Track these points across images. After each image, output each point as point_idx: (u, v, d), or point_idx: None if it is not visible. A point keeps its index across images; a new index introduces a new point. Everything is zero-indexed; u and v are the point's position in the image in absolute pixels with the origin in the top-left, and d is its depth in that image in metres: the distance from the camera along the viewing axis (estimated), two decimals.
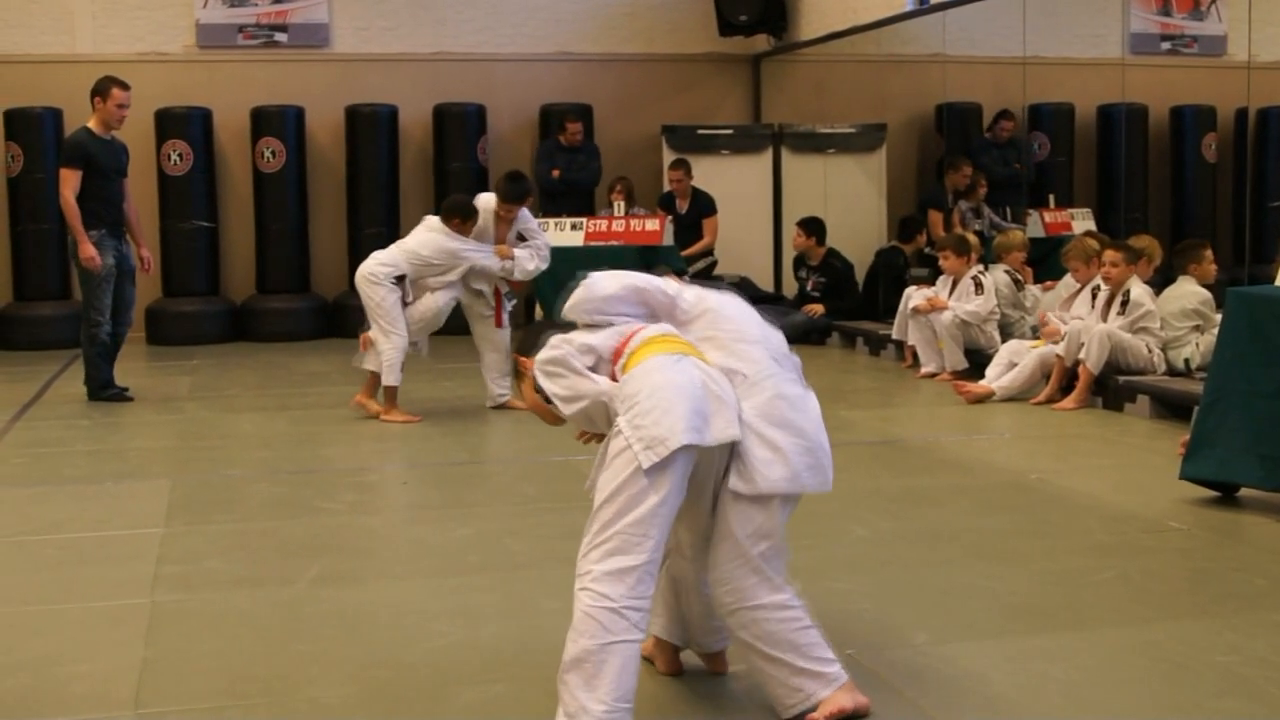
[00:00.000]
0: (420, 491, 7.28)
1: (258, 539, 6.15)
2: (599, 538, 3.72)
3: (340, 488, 7.30)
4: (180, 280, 13.92)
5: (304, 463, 7.98)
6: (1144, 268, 9.88)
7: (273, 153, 14.05)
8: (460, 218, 9.33)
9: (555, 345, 3.97)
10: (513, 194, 9.40)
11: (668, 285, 4.16)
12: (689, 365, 3.80)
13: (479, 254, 9.31)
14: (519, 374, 4.26)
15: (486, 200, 9.50)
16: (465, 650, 4.55)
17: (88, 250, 9.63)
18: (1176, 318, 9.45)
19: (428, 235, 9.29)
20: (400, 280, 9.15)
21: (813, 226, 13.41)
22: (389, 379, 9.09)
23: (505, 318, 9.57)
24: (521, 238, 9.54)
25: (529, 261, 9.47)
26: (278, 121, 14.14)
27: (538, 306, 14.03)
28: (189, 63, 14.29)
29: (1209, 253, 9.85)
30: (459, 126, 14.58)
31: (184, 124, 13.93)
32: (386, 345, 9.06)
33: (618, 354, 3.96)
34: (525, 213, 9.57)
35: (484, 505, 6.86)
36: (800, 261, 13.53)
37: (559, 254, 13.19)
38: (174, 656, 4.55)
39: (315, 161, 14.46)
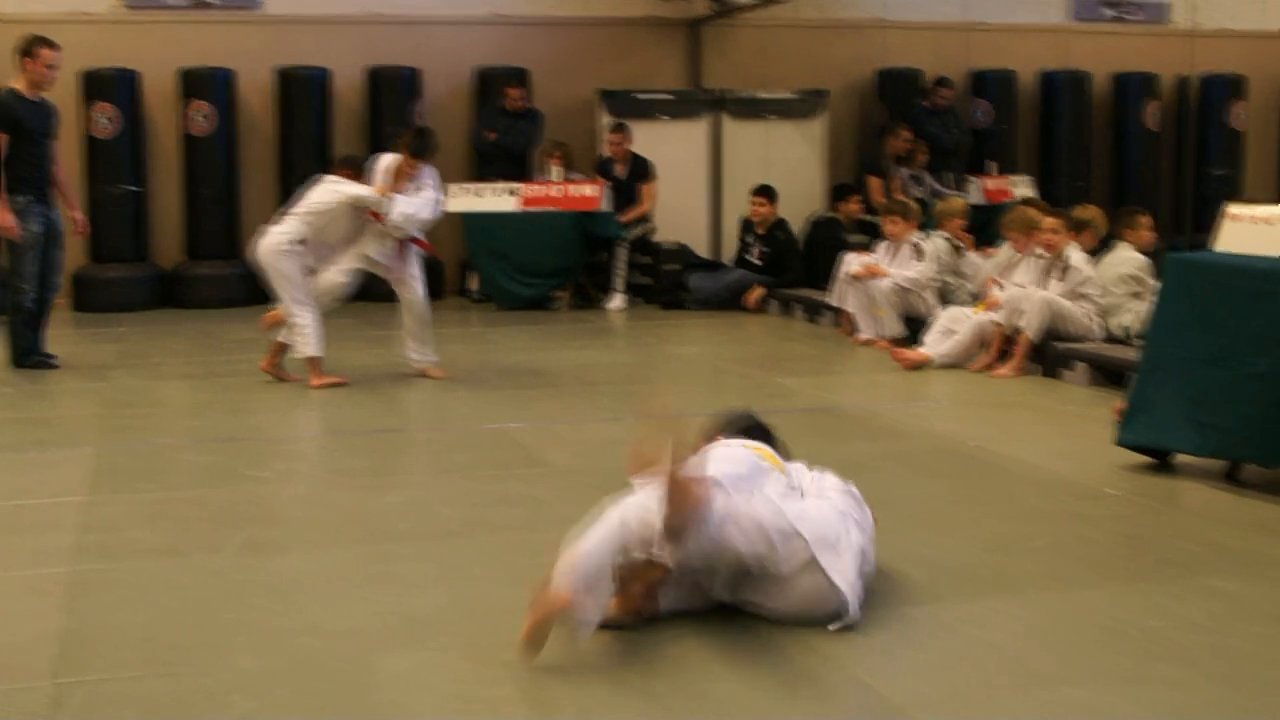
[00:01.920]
0: (350, 459, 7.18)
1: (184, 507, 6.04)
2: None
3: (269, 456, 7.20)
4: (108, 246, 13.67)
5: (232, 431, 7.86)
6: (1088, 238, 9.87)
7: (202, 115, 13.83)
8: (352, 171, 9.21)
9: None
10: (419, 149, 9.14)
11: None
12: None
13: (358, 187, 9.04)
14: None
15: (388, 159, 9.25)
16: (393, 618, 4.49)
17: (6, 219, 9.42)
18: (1115, 284, 9.45)
19: (316, 188, 9.16)
20: (303, 243, 8.96)
21: (772, 194, 13.32)
22: (311, 350, 8.94)
23: (415, 277, 9.36)
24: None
25: (407, 205, 9.05)
26: (207, 84, 13.90)
27: (473, 277, 13.94)
28: (116, 23, 14.02)
29: (1146, 219, 9.87)
30: (393, 90, 14.40)
31: (111, 86, 13.67)
32: (301, 317, 8.92)
33: None
34: (430, 170, 9.29)
35: (415, 473, 6.79)
36: (748, 226, 13.45)
37: (495, 220, 13.21)
38: (95, 626, 4.45)
39: (246, 125, 14.25)
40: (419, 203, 9.12)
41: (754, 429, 5.03)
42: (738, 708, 3.78)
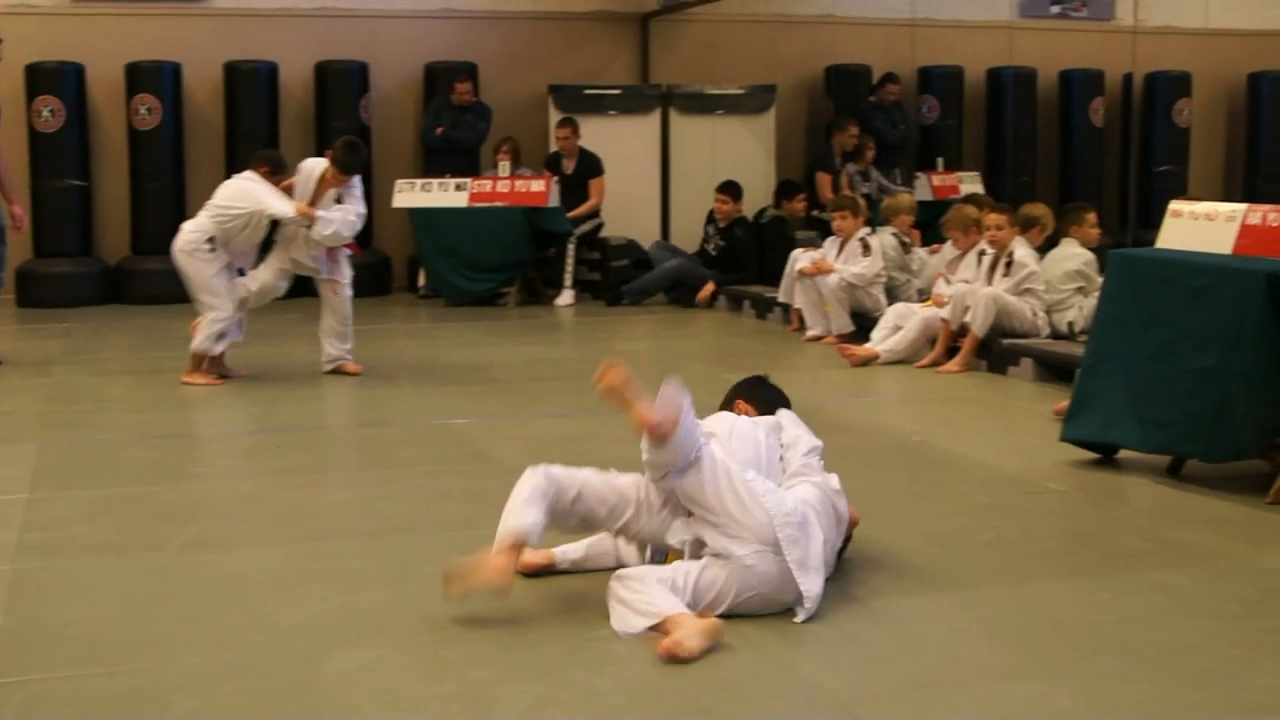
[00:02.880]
0: (295, 455, 7.14)
1: (127, 504, 5.99)
2: None
3: (213, 452, 7.16)
4: (52, 241, 13.57)
5: (176, 427, 7.82)
6: (1035, 235, 9.91)
7: (148, 109, 13.71)
8: (270, 168, 9.07)
9: None
10: (349, 165, 8.98)
11: None
12: None
13: (278, 201, 8.88)
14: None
15: (312, 164, 9.13)
16: (339, 615, 4.46)
17: None
18: (1061, 280, 9.50)
19: (230, 182, 9.07)
20: (213, 244, 8.87)
21: (736, 191, 13.32)
22: (201, 347, 8.87)
23: (344, 281, 9.25)
24: (339, 202, 9.09)
25: (328, 227, 8.89)
26: (154, 77, 13.79)
27: (421, 273, 13.90)
28: (62, 16, 13.90)
29: (1091, 215, 9.92)
30: (341, 84, 14.33)
31: (56, 79, 13.55)
32: (210, 316, 8.84)
33: None
34: (357, 181, 9.15)
35: (360, 469, 6.76)
36: (710, 218, 13.46)
37: (443, 215, 13.16)
38: (35, 624, 4.41)
39: (193, 119, 14.15)
40: (339, 220, 8.94)
41: (775, 399, 5.24)
42: (682, 704, 3.78)
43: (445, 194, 13.29)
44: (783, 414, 5.08)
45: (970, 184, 14.91)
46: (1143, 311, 6.36)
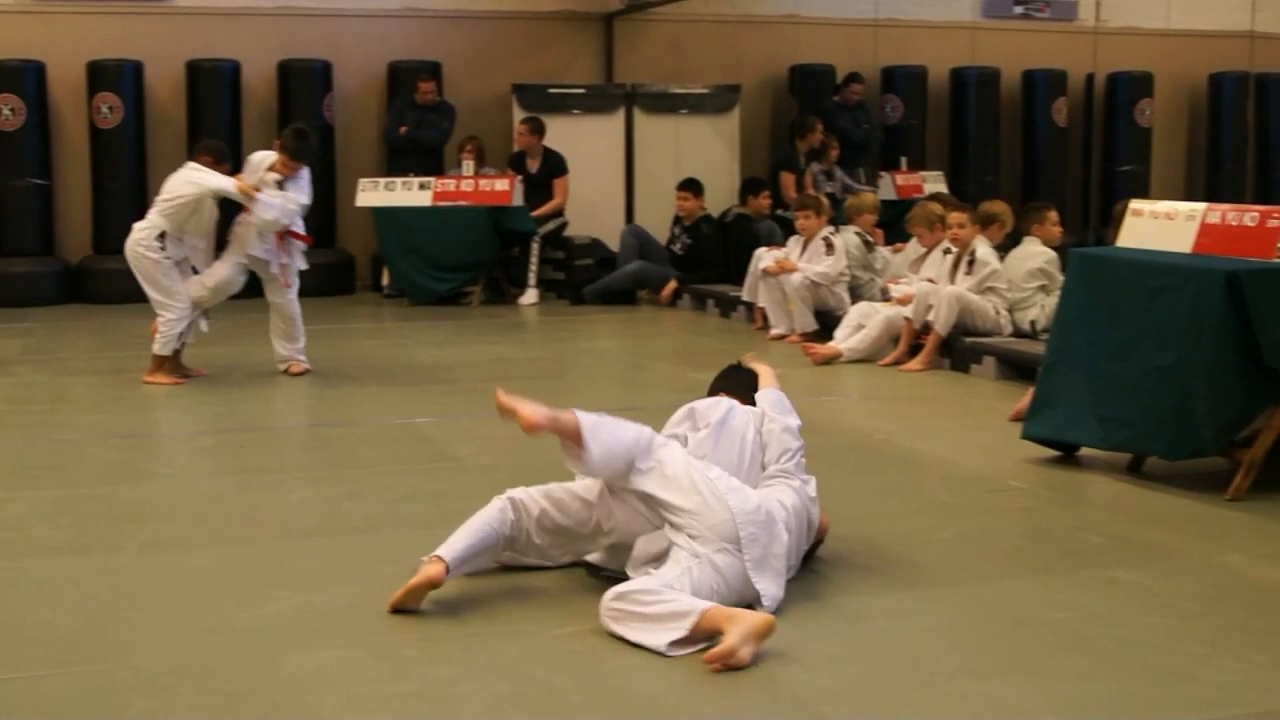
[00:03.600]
0: (257, 455, 7.11)
1: (87, 504, 5.95)
2: None
3: (174, 452, 7.13)
4: (13, 240, 13.49)
5: (138, 427, 7.78)
6: (995, 232, 9.95)
7: (110, 108, 13.64)
8: (213, 157, 8.98)
9: None
10: (299, 152, 8.93)
11: None
12: None
13: (219, 179, 8.79)
14: None
15: (262, 156, 9.06)
16: (299, 615, 4.45)
17: None
18: (1023, 279, 9.54)
19: (173, 175, 8.98)
20: (164, 240, 8.81)
21: (696, 188, 13.34)
22: (163, 349, 8.84)
23: (293, 281, 9.19)
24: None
25: (268, 211, 8.82)
26: (115, 76, 13.71)
27: (385, 273, 13.86)
28: (22, 14, 13.81)
29: (1053, 214, 9.97)
30: (304, 83, 14.27)
31: (16, 77, 13.45)
32: (165, 316, 8.80)
33: None
34: (304, 173, 9.07)
35: (322, 468, 6.73)
36: (677, 219, 13.47)
37: (407, 214, 13.13)
38: None
39: (155, 118, 14.07)
40: (279, 206, 8.87)
41: (752, 384, 5.28)
42: (642, 703, 3.78)
43: (409, 193, 13.26)
44: (768, 398, 5.09)
45: (934, 183, 14.96)
46: (1103, 310, 6.39)
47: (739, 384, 5.25)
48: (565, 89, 14.89)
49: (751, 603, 4.31)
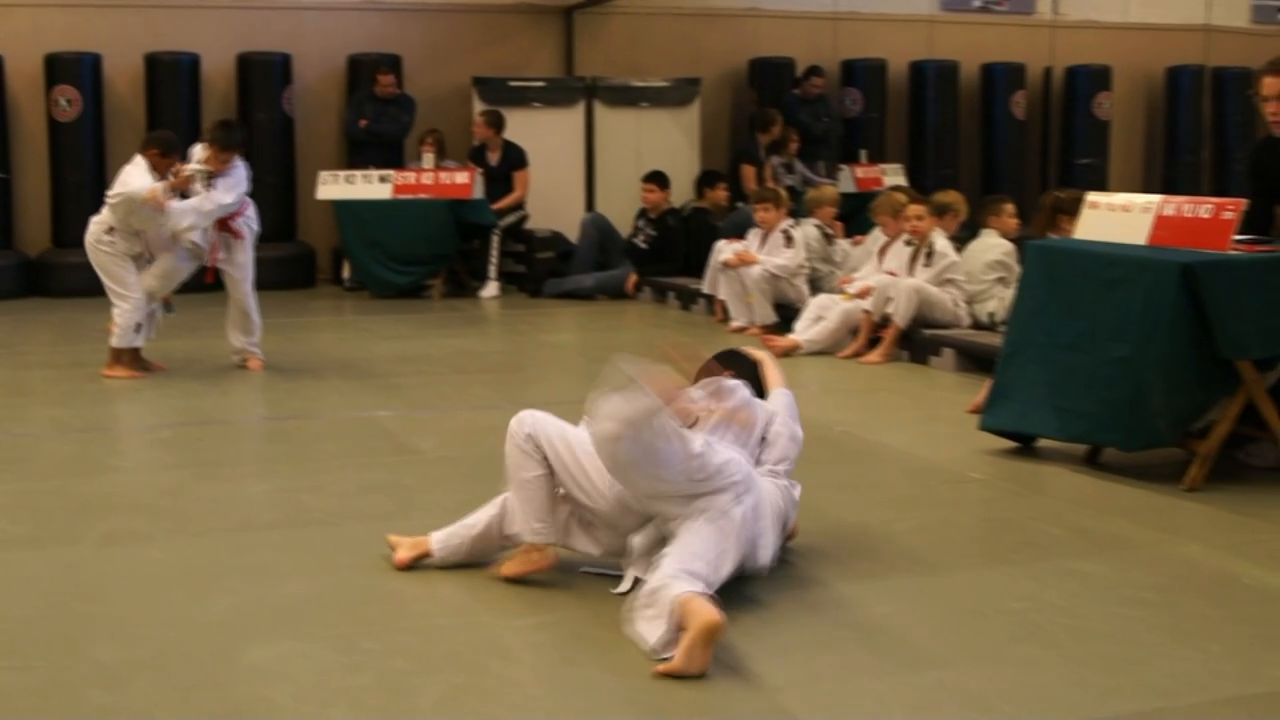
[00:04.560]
0: (216, 448, 7.09)
1: (45, 498, 5.93)
2: None
3: (133, 446, 7.10)
4: None
5: (96, 420, 7.74)
6: (950, 222, 10.00)
7: (68, 101, 13.56)
8: (158, 150, 8.83)
9: None
10: (225, 141, 8.80)
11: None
12: None
13: (136, 182, 8.63)
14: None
15: (196, 151, 8.95)
16: (256, 608, 4.44)
17: None
18: (981, 271, 9.59)
19: (124, 167, 8.89)
20: (113, 233, 8.74)
21: (662, 180, 13.35)
22: (120, 342, 8.79)
23: (241, 267, 9.05)
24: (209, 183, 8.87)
25: (182, 219, 8.69)
26: (73, 69, 13.63)
27: (346, 266, 13.82)
28: None
29: (1010, 206, 10.02)
30: (264, 76, 14.22)
31: None
32: (121, 308, 8.76)
33: None
34: (240, 168, 8.93)
35: (281, 461, 6.71)
36: (643, 212, 13.48)
37: (367, 207, 13.09)
38: None
39: (114, 111, 13.99)
40: (193, 212, 8.72)
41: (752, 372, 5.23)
42: (598, 692, 3.79)
43: (369, 186, 13.23)
44: (782, 400, 5.07)
45: (893, 176, 14.99)
46: (1060, 302, 6.43)
47: (744, 370, 5.19)
48: (526, 82, 14.87)
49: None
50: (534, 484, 4.54)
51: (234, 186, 8.89)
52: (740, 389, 4.84)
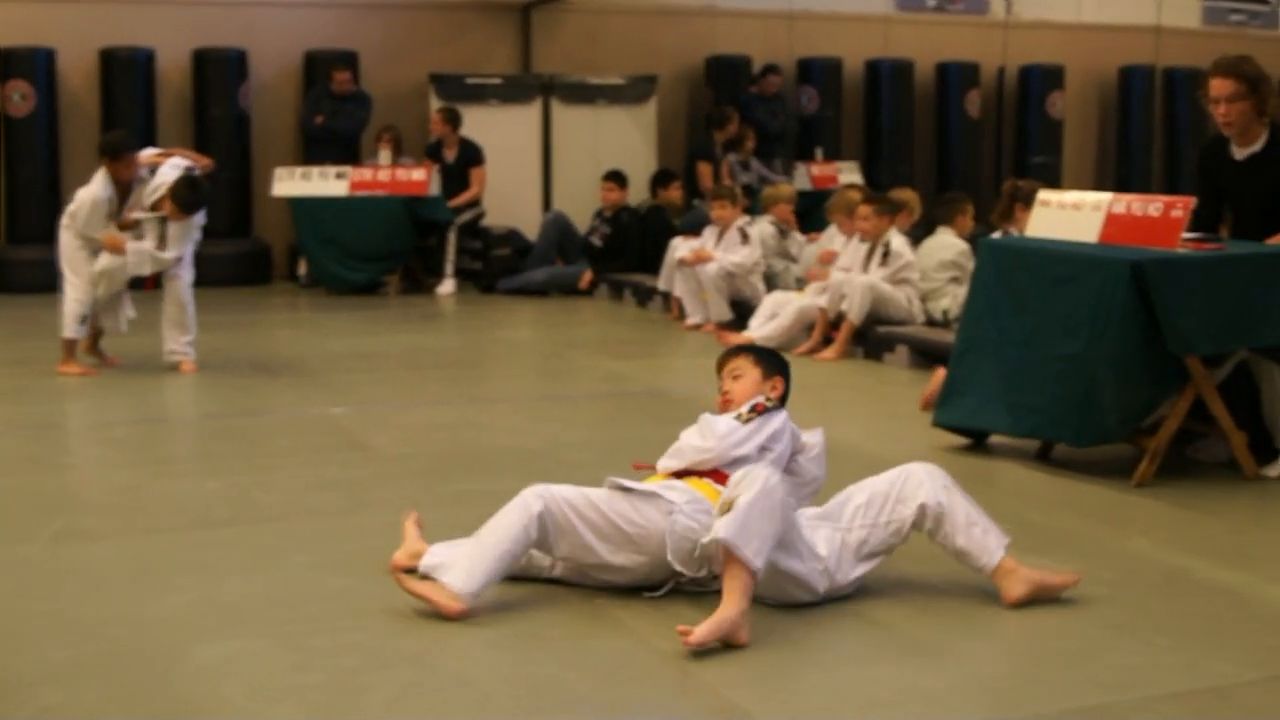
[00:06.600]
0: (169, 445, 7.07)
1: None
2: None
3: (84, 443, 7.07)
4: None
5: (48, 418, 7.70)
6: (904, 220, 10.05)
7: (22, 96, 13.46)
8: (109, 156, 8.70)
9: None
10: (189, 205, 8.67)
11: None
12: None
13: (89, 224, 8.64)
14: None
15: (168, 173, 8.72)
16: (206, 606, 4.42)
17: None
18: (935, 269, 9.64)
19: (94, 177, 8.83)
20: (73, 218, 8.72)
21: (622, 180, 13.36)
22: (68, 331, 8.74)
23: (183, 263, 8.94)
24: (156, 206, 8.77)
25: (144, 266, 8.75)
26: (27, 63, 13.52)
27: (302, 262, 13.78)
28: None
29: (969, 207, 10.08)
30: (220, 72, 14.15)
31: None
32: (69, 294, 8.71)
33: None
34: (195, 218, 8.82)
35: (234, 458, 6.68)
36: (599, 209, 13.49)
37: (323, 204, 13.06)
38: None
39: (68, 106, 13.90)
40: (149, 259, 8.73)
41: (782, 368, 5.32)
42: (554, 691, 3.78)
43: (325, 182, 13.20)
44: (819, 445, 5.11)
45: (849, 174, 15.05)
46: (1012, 299, 6.47)
47: (781, 369, 5.33)
48: (483, 79, 14.86)
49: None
50: (508, 558, 4.31)
51: (183, 238, 8.83)
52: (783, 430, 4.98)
